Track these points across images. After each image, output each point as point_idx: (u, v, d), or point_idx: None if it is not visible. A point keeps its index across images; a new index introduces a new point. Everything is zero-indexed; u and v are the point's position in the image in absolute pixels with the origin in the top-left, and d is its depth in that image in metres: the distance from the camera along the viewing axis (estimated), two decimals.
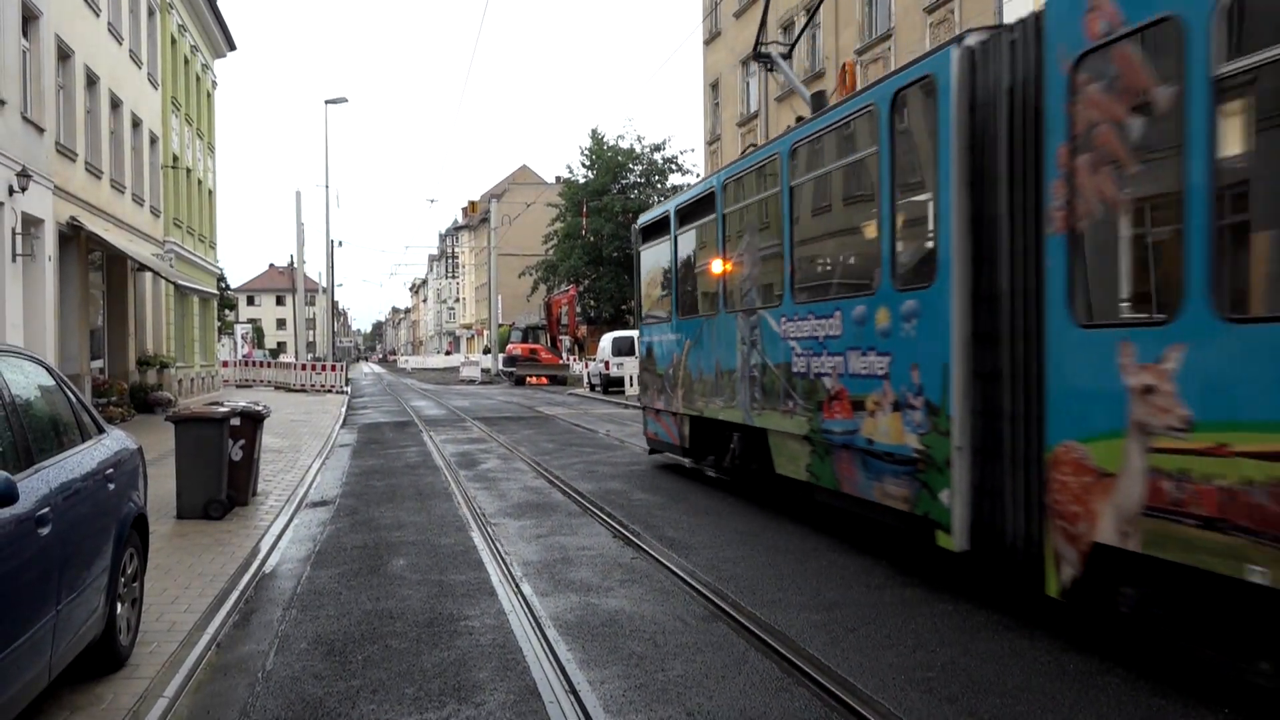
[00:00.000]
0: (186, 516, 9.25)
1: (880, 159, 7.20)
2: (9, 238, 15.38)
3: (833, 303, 8.02)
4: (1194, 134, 4.48)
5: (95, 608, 4.63)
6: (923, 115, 6.82)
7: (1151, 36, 4.82)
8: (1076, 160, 5.21)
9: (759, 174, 9.70)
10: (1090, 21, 5.12)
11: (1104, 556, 5.08)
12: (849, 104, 7.75)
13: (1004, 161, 5.99)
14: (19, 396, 4.39)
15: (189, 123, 30.80)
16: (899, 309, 6.93)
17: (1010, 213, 5.95)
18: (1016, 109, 5.89)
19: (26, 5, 16.41)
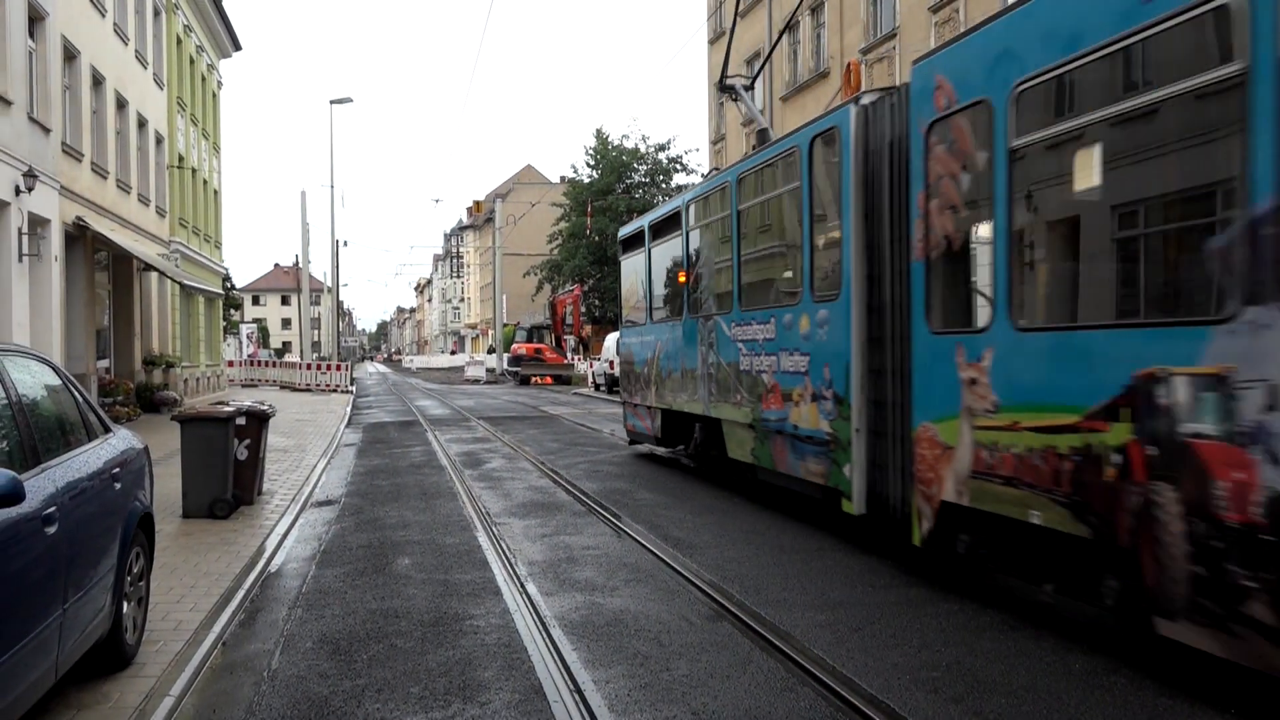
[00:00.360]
0: (192, 516, 9.27)
1: (801, 192, 8.67)
2: (15, 238, 15.42)
3: (769, 311, 9.48)
4: (998, 190, 5.87)
5: (101, 607, 4.64)
6: (831, 159, 8.16)
7: (973, 113, 6.17)
8: (930, 204, 6.61)
9: (715, 198, 11.02)
10: (937, 97, 6.52)
11: (948, 511, 6.48)
12: (780, 144, 9.28)
13: (887, 199, 7.41)
14: (26, 396, 4.40)
15: (194, 123, 30.86)
16: (815, 317, 8.37)
17: (891, 241, 7.37)
18: (895, 159, 7.29)
19: (33, 6, 16.46)
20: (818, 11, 27.14)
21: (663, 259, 13.08)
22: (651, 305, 13.63)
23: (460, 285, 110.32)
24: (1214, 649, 4.46)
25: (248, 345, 58.75)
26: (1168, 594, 4.66)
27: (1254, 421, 4.20)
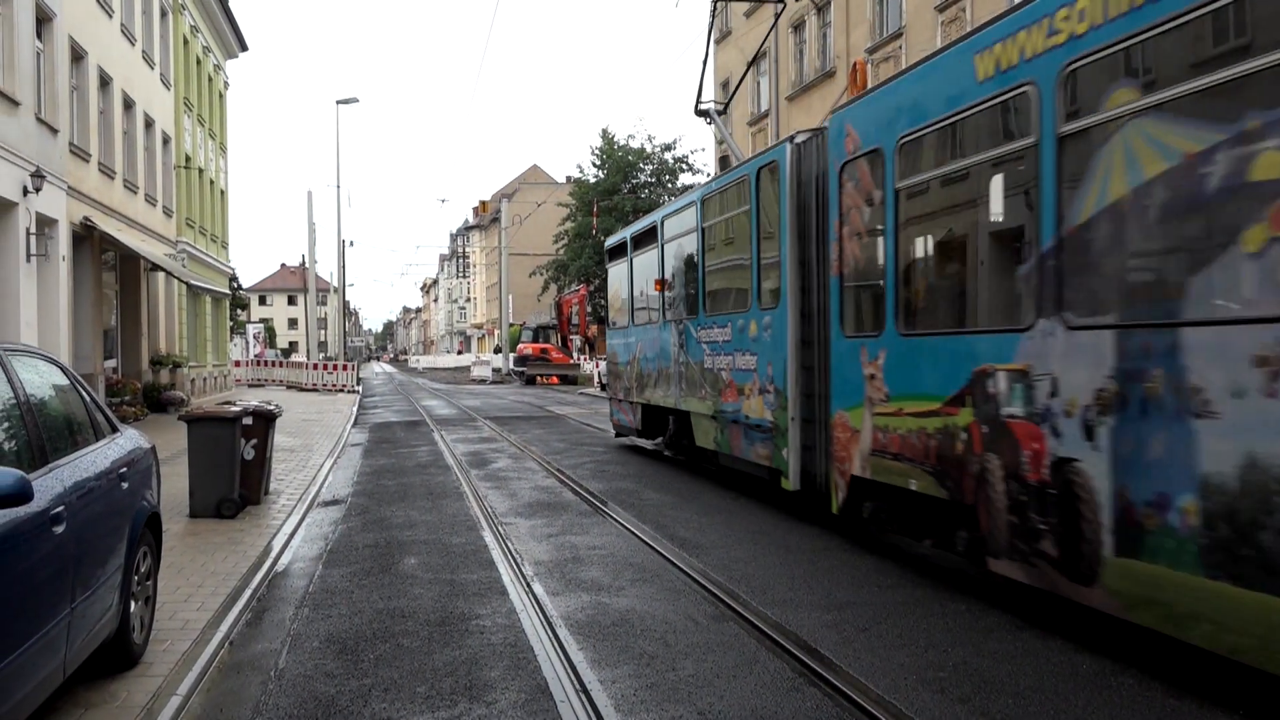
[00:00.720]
0: (199, 515, 9.28)
1: (750, 215, 10.04)
2: (23, 238, 15.47)
3: (727, 316, 10.77)
4: (888, 222, 7.22)
5: (109, 606, 4.65)
6: (772, 187, 9.47)
7: (871, 158, 7.49)
8: (843, 229, 7.98)
9: (685, 215, 12.23)
10: (847, 142, 7.87)
11: (856, 483, 7.85)
12: (735, 172, 10.61)
13: (814, 223, 8.78)
14: (34, 395, 4.41)
15: (201, 123, 30.93)
16: (762, 322, 9.68)
17: (817, 259, 8.74)
18: (820, 190, 8.61)
19: (40, 7, 16.51)
20: (824, 11, 27.12)
21: (643, 268, 14.28)
22: (633, 310, 14.91)
23: (466, 285, 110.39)
24: (1021, 578, 5.80)
25: (254, 345, 58.84)
26: (995, 539, 6.01)
27: (1044, 405, 5.53)
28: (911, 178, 7.03)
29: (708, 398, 11.26)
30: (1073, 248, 5.38)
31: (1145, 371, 4.82)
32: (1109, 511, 5.04)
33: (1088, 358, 5.21)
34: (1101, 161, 5.21)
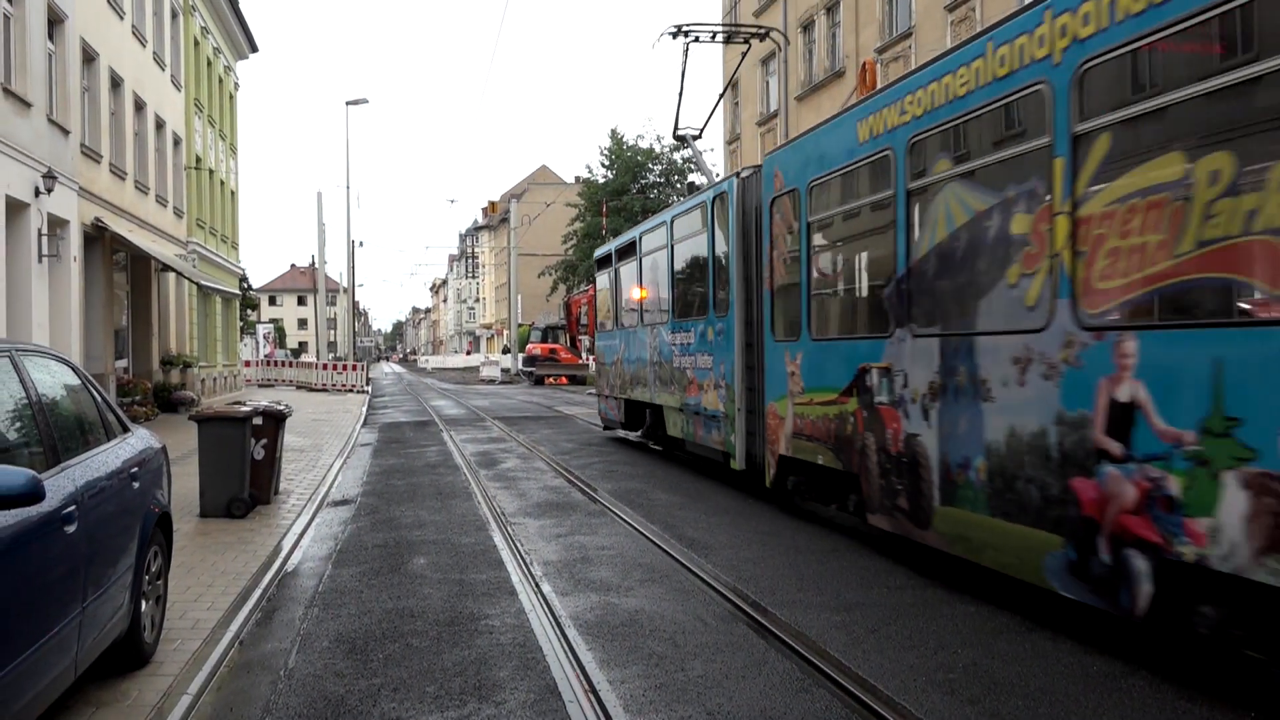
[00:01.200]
0: (209, 515, 9.32)
1: (708, 235, 11.55)
2: (35, 239, 15.54)
3: (691, 322, 12.22)
4: (802, 248, 8.87)
5: (120, 605, 4.67)
6: (723, 213, 10.98)
7: (791, 196, 9.11)
8: (773, 252, 9.67)
9: (659, 231, 13.71)
10: (775, 181, 9.48)
11: (783, 461, 9.44)
12: (695, 199, 12.16)
13: (754, 246, 10.30)
14: (45, 395, 4.43)
15: (211, 124, 31.04)
16: (716, 328, 11.21)
17: (757, 275, 10.21)
18: (758, 218, 10.14)
19: (52, 9, 16.59)
20: (833, 11, 27.08)
21: (626, 277, 15.72)
22: (617, 315, 16.33)
23: (475, 285, 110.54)
24: (888, 528, 7.46)
25: (264, 345, 59.02)
26: (871, 499, 7.67)
27: (900, 394, 7.15)
28: (819, 214, 8.77)
29: (676, 393, 12.85)
30: (916, 275, 7.05)
31: (956, 368, 6.46)
32: (936, 472, 6.68)
33: (924, 358, 6.85)
34: (931, 212, 6.91)
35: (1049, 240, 5.55)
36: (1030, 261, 5.74)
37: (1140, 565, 4.90)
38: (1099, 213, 5.21)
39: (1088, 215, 5.28)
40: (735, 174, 10.77)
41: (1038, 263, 5.66)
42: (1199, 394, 4.54)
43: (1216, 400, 4.46)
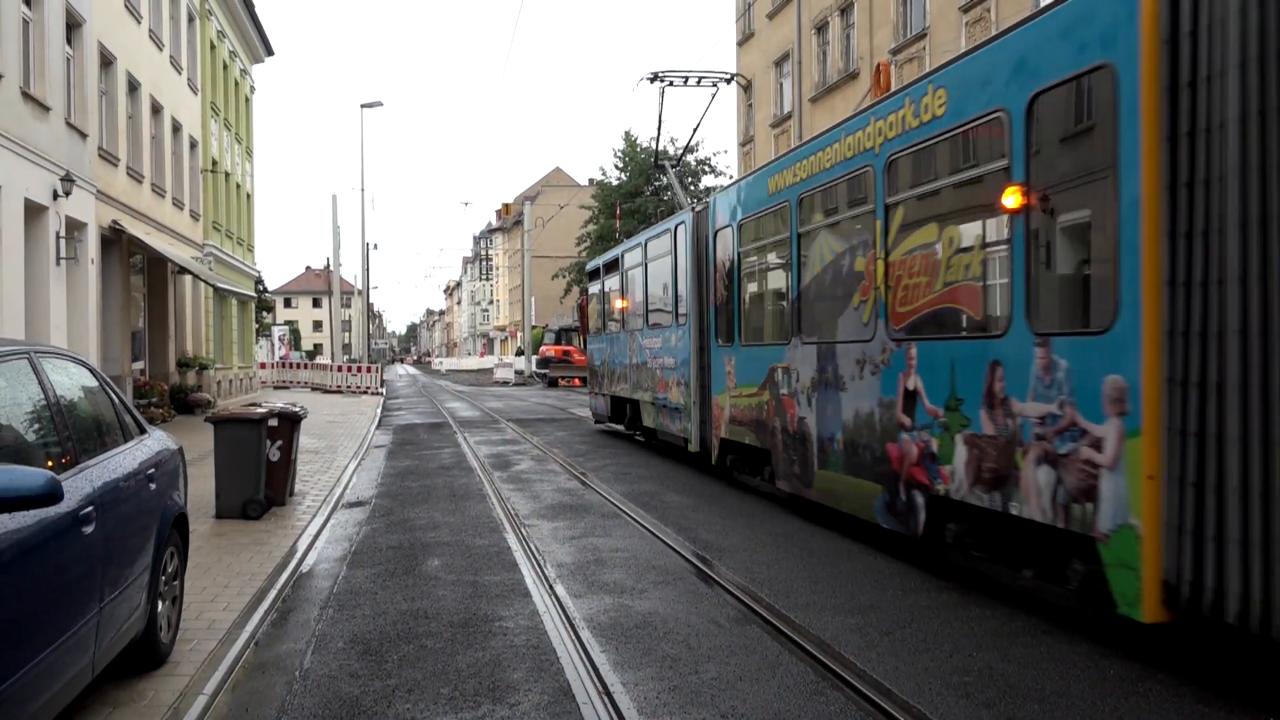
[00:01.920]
0: (225, 516, 9.36)
1: (671, 257, 13.64)
2: (53, 241, 15.65)
3: (659, 330, 14.45)
4: (735, 275, 11.15)
5: (137, 605, 4.69)
6: (683, 239, 13.06)
7: (726, 231, 11.36)
8: (715, 275, 11.82)
9: (637, 251, 15.85)
10: (718, 217, 11.74)
11: (723, 444, 11.74)
12: (663, 225, 14.36)
13: (705, 270, 12.34)
14: (64, 397, 4.46)
15: (228, 127, 31.20)
16: (677, 335, 13.38)
17: (706, 293, 12.33)
18: (707, 246, 12.25)
19: (70, 13, 16.71)
20: (846, 12, 27.02)
21: (612, 288, 17.88)
22: (605, 321, 18.50)
23: (489, 288, 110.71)
24: (788, 489, 9.65)
25: (279, 347, 59.26)
26: (778, 468, 9.88)
27: (795, 387, 9.34)
28: (745, 246, 11.02)
29: (649, 389, 15.00)
30: (803, 298, 9.40)
31: (826, 367, 8.71)
32: (816, 445, 8.95)
33: (808, 360, 9.11)
34: (812, 251, 9.23)
35: (875, 277, 7.75)
36: (865, 291, 8.00)
37: (919, 499, 7.14)
38: (898, 260, 7.45)
39: (893, 261, 7.50)
40: (691, 208, 13.16)
41: (869, 293, 7.89)
42: (945, 383, 6.76)
43: (952, 387, 6.67)
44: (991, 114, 6.23)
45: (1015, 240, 6.02)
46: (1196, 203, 4.69)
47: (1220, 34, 4.59)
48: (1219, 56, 4.59)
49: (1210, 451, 4.61)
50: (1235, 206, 4.48)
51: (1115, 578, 5.13)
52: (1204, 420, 4.64)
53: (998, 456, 6.17)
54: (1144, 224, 4.94)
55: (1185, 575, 4.69)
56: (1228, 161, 4.53)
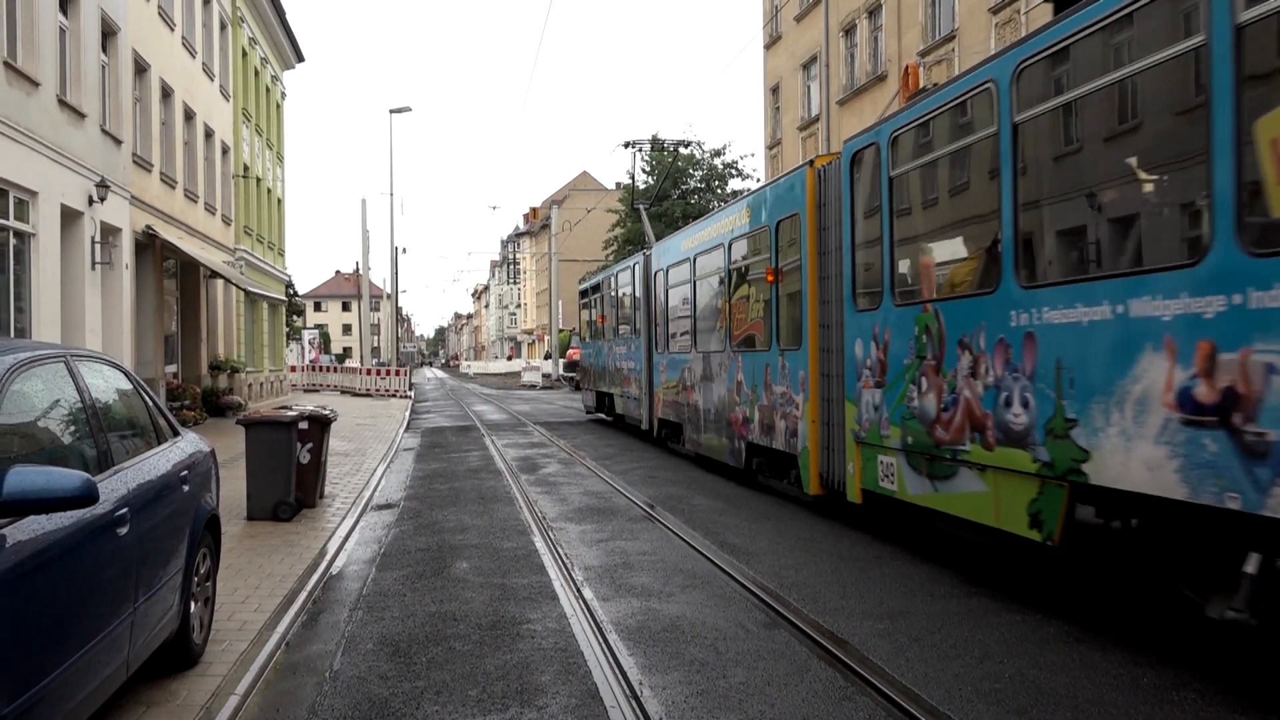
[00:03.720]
0: (256, 518, 9.45)
1: (632, 286, 18.22)
2: (88, 246, 15.88)
3: (624, 340, 19.32)
4: (665, 303, 16.08)
5: (170, 606, 4.75)
6: (639, 276, 17.57)
7: (661, 273, 16.23)
8: (654, 304, 16.82)
9: (612, 280, 20.80)
10: (658, 261, 16.66)
11: (660, 422, 16.68)
12: (629, 260, 18.83)
13: (650, 298, 16.95)
14: (99, 400, 4.52)
15: (259, 133, 31.52)
16: (635, 344, 17.91)
17: (651, 315, 17.03)
18: (653, 282, 16.84)
19: (106, 21, 16.95)
20: (875, 14, 26.90)
21: (596, 305, 22.97)
22: (591, 332, 23.73)
23: (517, 291, 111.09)
24: (690, 450, 14.59)
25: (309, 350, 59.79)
26: (686, 436, 14.66)
27: (693, 381, 14.08)
28: (671, 284, 15.64)
29: (618, 385, 20.15)
30: (697, 323, 13.87)
31: (708, 368, 13.31)
32: (701, 418, 13.52)
33: (701, 362, 13.64)
34: (703, 291, 13.70)
35: (724, 314, 12.67)
36: (721, 322, 12.84)
37: (741, 445, 12.00)
38: (734, 304, 12.33)
39: (733, 304, 12.38)
40: (644, 252, 17.93)
41: (723, 322, 12.74)
42: (750, 377, 11.53)
43: (753, 379, 11.36)
44: (762, 228, 11.29)
45: (771, 300, 10.89)
46: (826, 287, 9.61)
47: (833, 208, 9.41)
48: (831, 217, 9.46)
49: (834, 409, 9.38)
50: (835, 290, 9.33)
51: (804, 475, 10.08)
52: (829, 393, 9.53)
53: (768, 417, 11.08)
54: (809, 295, 9.87)
55: (826, 470, 9.63)
56: (834, 268, 9.37)
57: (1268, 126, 4.45)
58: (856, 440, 8.69)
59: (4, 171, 12.95)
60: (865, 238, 8.66)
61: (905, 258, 8.08)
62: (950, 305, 7.17)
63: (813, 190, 9.75)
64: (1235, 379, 4.53)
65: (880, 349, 8.22)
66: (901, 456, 7.91)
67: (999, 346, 6.43)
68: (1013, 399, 6.28)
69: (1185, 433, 4.84)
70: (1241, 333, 4.50)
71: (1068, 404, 5.70)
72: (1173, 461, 4.91)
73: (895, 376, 7.94)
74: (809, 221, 9.74)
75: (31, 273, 14.03)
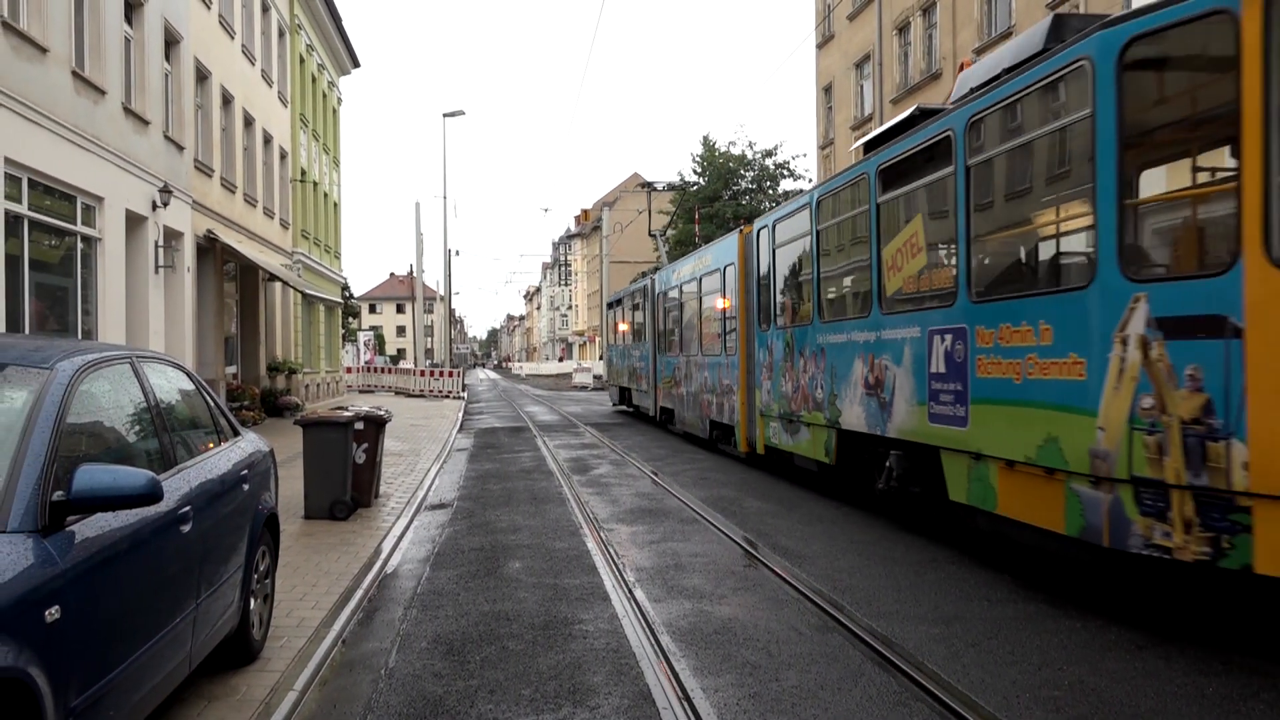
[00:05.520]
0: (313, 517, 9.60)
1: (642, 304, 23.82)
2: (152, 250, 16.27)
3: (637, 344, 24.41)
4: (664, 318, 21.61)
5: (231, 603, 4.84)
6: (646, 298, 23.21)
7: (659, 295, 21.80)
8: (658, 317, 22.04)
9: (628, 299, 26.05)
10: (658, 285, 21.90)
11: (661, 410, 21.44)
12: (635, 284, 26.11)
13: (656, 312, 22.13)
14: (163, 400, 4.62)
15: (316, 138, 32.03)
16: (644, 349, 23.23)
17: (657, 325, 22.05)
18: (656, 299, 22.08)
19: (168, 30, 17.35)
20: (929, 11, 26.59)
21: (617, 317, 28.48)
22: (616, 338, 28.70)
23: (568, 293, 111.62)
24: (679, 429, 19.58)
25: (364, 352, 60.58)
26: (677, 418, 19.66)
27: (681, 376, 19.03)
28: (667, 304, 20.59)
29: (634, 381, 24.91)
30: (684, 333, 18.99)
31: (689, 367, 18.12)
32: (687, 404, 18.40)
33: (685, 364, 18.55)
34: (684, 311, 19.10)
35: (698, 327, 17.54)
36: (695, 333, 17.70)
37: (706, 423, 16.74)
38: (703, 321, 17.24)
39: (703, 321, 17.26)
40: (650, 276, 23.67)
41: (697, 334, 17.61)
42: (714, 374, 16.17)
43: (714, 374, 16.09)
44: (716, 270, 15.96)
45: (722, 320, 15.42)
46: (749, 314, 14.13)
47: (752, 262, 14.04)
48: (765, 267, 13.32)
49: (750, 395, 14.02)
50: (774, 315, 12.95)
51: (737, 439, 14.54)
52: (750, 384, 14.04)
53: (720, 401, 15.56)
54: (740, 319, 14.43)
55: (749, 435, 14.14)
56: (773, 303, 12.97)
57: (889, 250, 9.20)
58: (760, 414, 13.54)
59: (72, 178, 13.32)
60: (761, 285, 13.63)
61: (781, 298, 12.87)
62: (795, 330, 12.07)
63: (741, 249, 14.58)
64: (878, 373, 9.30)
65: (768, 355, 13.10)
66: (779, 422, 12.68)
67: (812, 355, 11.28)
68: (817, 384, 11.09)
69: (865, 399, 9.61)
70: (880, 350, 9.28)
71: (834, 386, 10.48)
72: (863, 412, 9.67)
73: (774, 373, 12.80)
74: (739, 270, 14.57)
75: (98, 276, 14.40)
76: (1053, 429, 6.41)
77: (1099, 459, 5.93)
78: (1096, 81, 5.97)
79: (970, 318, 7.56)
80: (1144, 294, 5.67)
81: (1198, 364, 5.36)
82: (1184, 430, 5.41)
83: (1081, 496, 6.14)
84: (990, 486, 7.30)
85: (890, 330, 9.02)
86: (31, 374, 3.62)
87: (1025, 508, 6.85)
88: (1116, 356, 5.81)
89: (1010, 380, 6.95)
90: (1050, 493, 6.49)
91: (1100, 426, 5.92)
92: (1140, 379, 5.65)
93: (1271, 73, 5.16)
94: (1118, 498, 5.81)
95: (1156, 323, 5.58)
